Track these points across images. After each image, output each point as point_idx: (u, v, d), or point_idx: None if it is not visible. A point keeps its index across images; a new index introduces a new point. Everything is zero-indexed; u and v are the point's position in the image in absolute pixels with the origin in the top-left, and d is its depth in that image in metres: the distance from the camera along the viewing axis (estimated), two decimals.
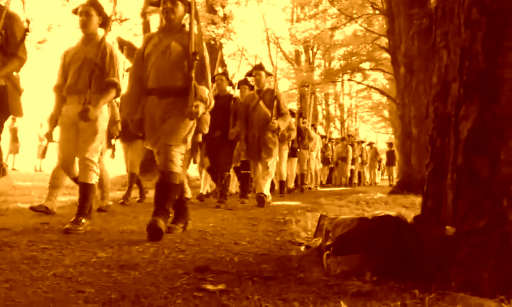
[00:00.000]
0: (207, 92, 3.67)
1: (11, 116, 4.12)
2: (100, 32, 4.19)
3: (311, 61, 27.19)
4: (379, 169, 24.58)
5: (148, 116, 3.75)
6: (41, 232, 3.64)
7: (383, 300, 2.00)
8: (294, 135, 9.38)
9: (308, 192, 12.20)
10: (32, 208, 4.66)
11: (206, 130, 4.01)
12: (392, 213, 2.61)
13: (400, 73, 11.90)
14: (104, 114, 4.05)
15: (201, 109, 3.60)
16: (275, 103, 6.99)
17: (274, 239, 3.59)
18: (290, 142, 10.09)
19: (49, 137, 4.21)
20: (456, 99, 2.45)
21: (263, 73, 7.21)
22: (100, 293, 2.00)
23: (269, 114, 6.95)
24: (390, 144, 22.72)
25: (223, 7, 13.77)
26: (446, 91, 2.54)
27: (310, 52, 27.43)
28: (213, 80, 6.84)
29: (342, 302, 1.86)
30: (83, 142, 3.92)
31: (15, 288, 2.05)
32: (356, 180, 19.80)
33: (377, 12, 19.32)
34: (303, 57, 27.87)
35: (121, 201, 6.48)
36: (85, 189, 3.91)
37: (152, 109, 3.72)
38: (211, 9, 14.27)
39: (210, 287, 2.13)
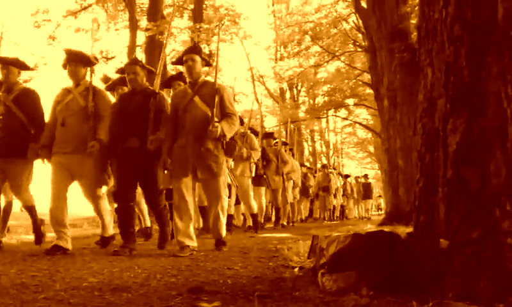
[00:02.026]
0: None
1: None
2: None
3: (295, 98, 27.51)
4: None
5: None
6: (30, 262, 3.57)
7: None
8: (257, 156, 8.11)
9: (293, 226, 11.27)
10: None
11: (102, 136, 4.02)
12: (386, 228, 2.61)
13: (384, 107, 12.06)
14: None
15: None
16: (217, 99, 4.61)
17: (267, 264, 3.56)
18: (254, 166, 8.33)
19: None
20: (443, 114, 2.49)
21: (198, 59, 4.74)
22: None
23: (209, 115, 4.59)
24: (365, 176, 21.74)
25: (208, 44, 13.97)
26: (433, 107, 2.58)
27: (295, 89, 27.79)
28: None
29: None
30: None
31: None
32: (338, 213, 17.74)
33: (359, 49, 19.74)
34: (287, 95, 28.20)
35: None
36: None
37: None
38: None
39: (205, 305, 2.10)
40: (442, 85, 2.52)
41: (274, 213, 10.89)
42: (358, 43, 19.86)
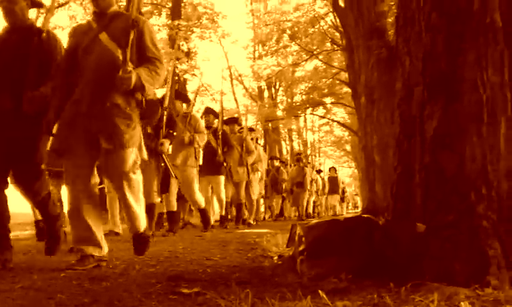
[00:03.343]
0: None
1: None
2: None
3: (273, 97, 27.57)
4: (343, 201, 22.88)
5: None
6: None
7: (360, 294, 2.00)
8: (202, 140, 6.66)
9: (257, 225, 9.52)
10: None
11: None
12: (364, 215, 2.64)
13: (361, 104, 12.18)
14: None
15: None
16: (132, 36, 3.10)
17: (246, 255, 3.56)
18: (200, 153, 6.86)
19: None
20: (420, 101, 2.53)
21: None
22: (72, 299, 1.93)
23: (118, 57, 3.08)
24: (332, 169, 19.81)
25: (186, 40, 13.91)
26: (410, 95, 2.61)
27: (273, 88, 27.84)
28: None
29: (320, 292, 1.84)
30: None
31: None
32: (310, 210, 15.54)
33: (336, 48, 19.89)
34: (265, 94, 28.24)
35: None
36: None
37: None
38: (174, 44, 14.40)
39: (185, 290, 2.09)
40: (419, 72, 2.55)
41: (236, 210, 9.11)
42: (335, 42, 20.00)
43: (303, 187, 13.68)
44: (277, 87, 27.91)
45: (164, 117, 5.58)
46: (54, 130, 3.13)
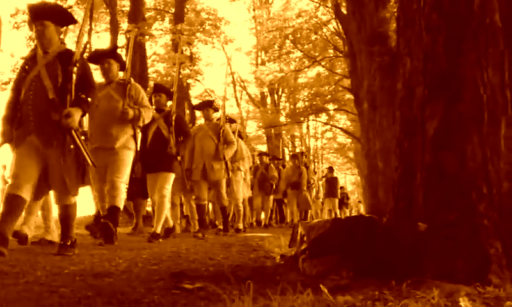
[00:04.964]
0: None
1: None
2: None
3: (276, 103, 27.62)
4: (346, 207, 21.09)
5: None
6: (8, 255, 3.50)
7: (361, 291, 2.01)
8: (148, 115, 5.02)
9: (245, 231, 8.12)
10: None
11: None
12: (366, 215, 2.65)
13: (363, 110, 12.18)
14: None
15: None
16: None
17: (248, 256, 3.57)
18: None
19: None
20: (421, 101, 2.55)
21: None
22: (76, 292, 1.95)
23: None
24: (330, 169, 17.19)
25: (189, 45, 13.98)
26: (411, 95, 2.64)
27: (275, 95, 27.89)
28: None
29: (322, 287, 1.86)
30: None
31: None
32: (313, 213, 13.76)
33: (339, 54, 19.94)
34: (268, 100, 28.31)
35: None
36: None
37: None
38: (177, 49, 14.47)
39: (187, 286, 2.11)
40: (420, 72, 2.58)
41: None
42: (338, 49, 20.05)
43: (299, 188, 11.93)
44: (280, 93, 27.97)
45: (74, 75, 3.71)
46: None
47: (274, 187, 11.80)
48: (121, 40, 15.92)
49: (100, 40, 21.10)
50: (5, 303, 1.75)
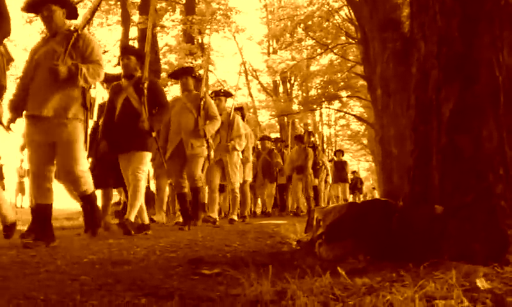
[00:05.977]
0: None
1: None
2: None
3: (289, 91, 27.56)
4: (360, 192, 19.18)
5: None
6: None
7: (378, 273, 2.02)
8: (98, 73, 3.83)
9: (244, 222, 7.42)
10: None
11: None
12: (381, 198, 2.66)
13: (377, 96, 12.10)
14: None
15: None
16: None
17: (265, 242, 3.60)
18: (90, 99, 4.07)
19: None
20: (436, 84, 2.54)
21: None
22: (96, 280, 1.99)
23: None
24: (339, 152, 15.96)
25: (200, 33, 13.95)
26: (426, 78, 2.62)
27: (288, 83, 27.83)
28: None
29: (339, 269, 1.87)
30: None
31: (9, 281, 2.03)
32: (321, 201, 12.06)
33: (351, 41, 19.81)
34: (281, 89, 28.26)
35: None
36: None
37: None
38: (189, 39, 14.49)
39: (205, 271, 2.13)
40: (434, 56, 2.56)
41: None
42: (350, 36, 19.92)
43: (304, 172, 10.75)
44: (292, 81, 27.90)
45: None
46: None
47: (277, 172, 10.95)
48: (133, 33, 15.98)
49: (112, 33, 21.20)
50: (28, 291, 1.79)
